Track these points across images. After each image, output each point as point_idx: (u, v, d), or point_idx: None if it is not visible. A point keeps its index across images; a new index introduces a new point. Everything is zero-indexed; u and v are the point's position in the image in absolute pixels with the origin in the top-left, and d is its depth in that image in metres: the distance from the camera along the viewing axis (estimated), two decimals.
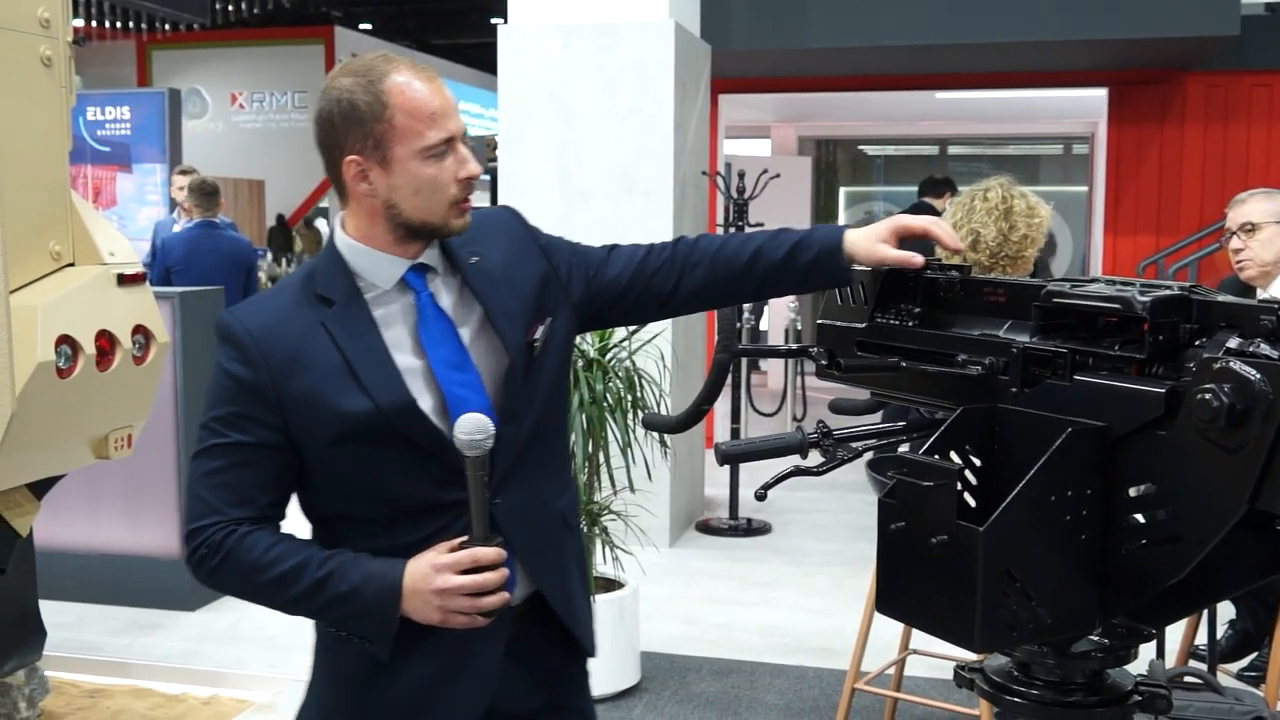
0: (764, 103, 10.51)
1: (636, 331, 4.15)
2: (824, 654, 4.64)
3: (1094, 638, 1.45)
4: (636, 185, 5.94)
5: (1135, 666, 1.52)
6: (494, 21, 6.46)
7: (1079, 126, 11.53)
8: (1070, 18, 6.89)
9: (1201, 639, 3.59)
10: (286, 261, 16.03)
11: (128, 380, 3.29)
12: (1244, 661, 3.84)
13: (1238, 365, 1.21)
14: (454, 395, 1.76)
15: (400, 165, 1.72)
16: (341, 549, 1.77)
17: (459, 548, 1.70)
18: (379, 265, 1.79)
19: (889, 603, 1.43)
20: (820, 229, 1.88)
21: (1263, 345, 1.27)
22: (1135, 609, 1.39)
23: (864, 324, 1.80)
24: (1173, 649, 3.71)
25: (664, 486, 5.88)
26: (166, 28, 13.24)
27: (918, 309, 1.75)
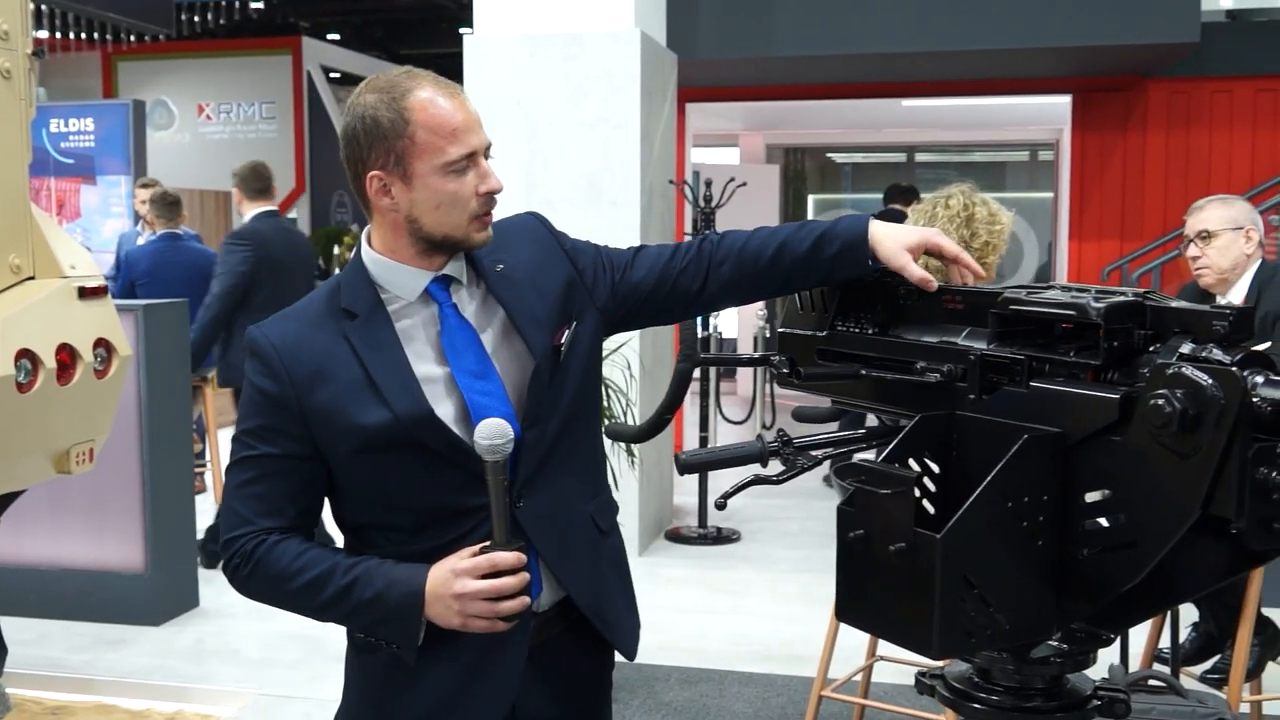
0: (732, 111, 10.54)
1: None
2: (793, 661, 4.64)
3: (1053, 643, 1.46)
4: (603, 195, 5.94)
5: (1098, 670, 1.52)
6: (462, 31, 6.45)
7: (1044, 133, 11.61)
8: (1034, 26, 6.94)
9: (1165, 642, 3.62)
10: None
11: (89, 394, 3.26)
12: (1207, 664, 3.86)
13: (1190, 371, 1.22)
14: (476, 403, 1.78)
15: (421, 180, 1.74)
16: (368, 555, 1.80)
17: (480, 553, 1.71)
18: (402, 278, 1.82)
19: (849, 611, 1.43)
20: (845, 220, 1.86)
21: (1215, 350, 1.28)
22: (1093, 614, 1.40)
23: (825, 332, 1.80)
24: (1137, 652, 3.74)
25: (632, 495, 5.88)
26: (131, 39, 13.17)
27: (878, 316, 1.76)
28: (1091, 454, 1.32)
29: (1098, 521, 1.32)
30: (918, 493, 1.40)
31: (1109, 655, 2.09)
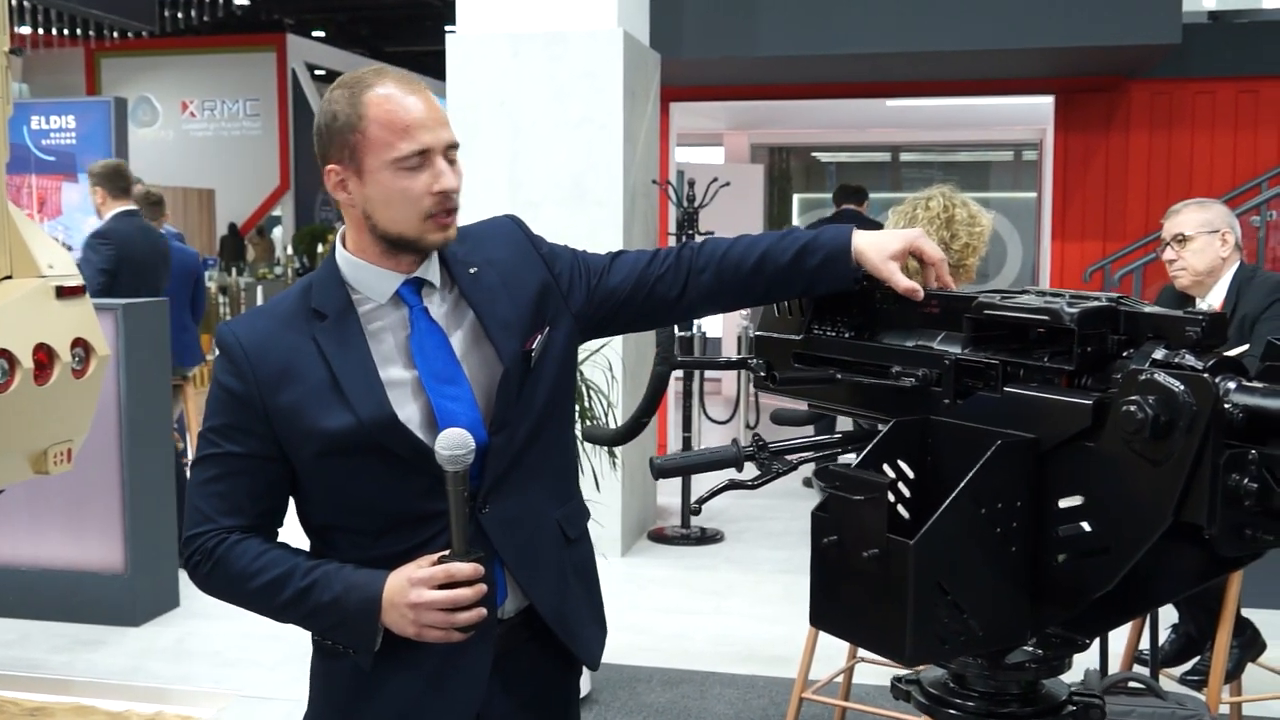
0: (716, 110, 10.54)
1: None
2: (775, 662, 4.64)
3: (1028, 648, 1.46)
4: (587, 195, 5.94)
5: (1076, 673, 1.52)
6: (448, 29, 6.43)
7: (1028, 133, 11.64)
8: (1018, 27, 6.96)
9: (1145, 643, 3.63)
10: (238, 270, 15.89)
11: (67, 394, 3.24)
12: (1187, 665, 3.87)
13: (1162, 377, 1.21)
14: (442, 408, 1.76)
15: (372, 176, 1.74)
16: (329, 559, 1.79)
17: (439, 562, 1.70)
18: (373, 279, 1.81)
19: (823, 617, 1.43)
20: (828, 230, 1.83)
21: (1188, 356, 1.28)
22: (1069, 619, 1.40)
23: (800, 335, 1.80)
24: (1116, 654, 3.74)
25: (614, 497, 5.87)
26: (115, 35, 13.12)
27: (855, 320, 1.75)
28: (1065, 460, 1.32)
29: (1071, 527, 1.32)
30: (891, 498, 1.40)
31: (1089, 658, 2.08)
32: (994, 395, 1.41)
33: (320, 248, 15.82)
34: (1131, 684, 2.93)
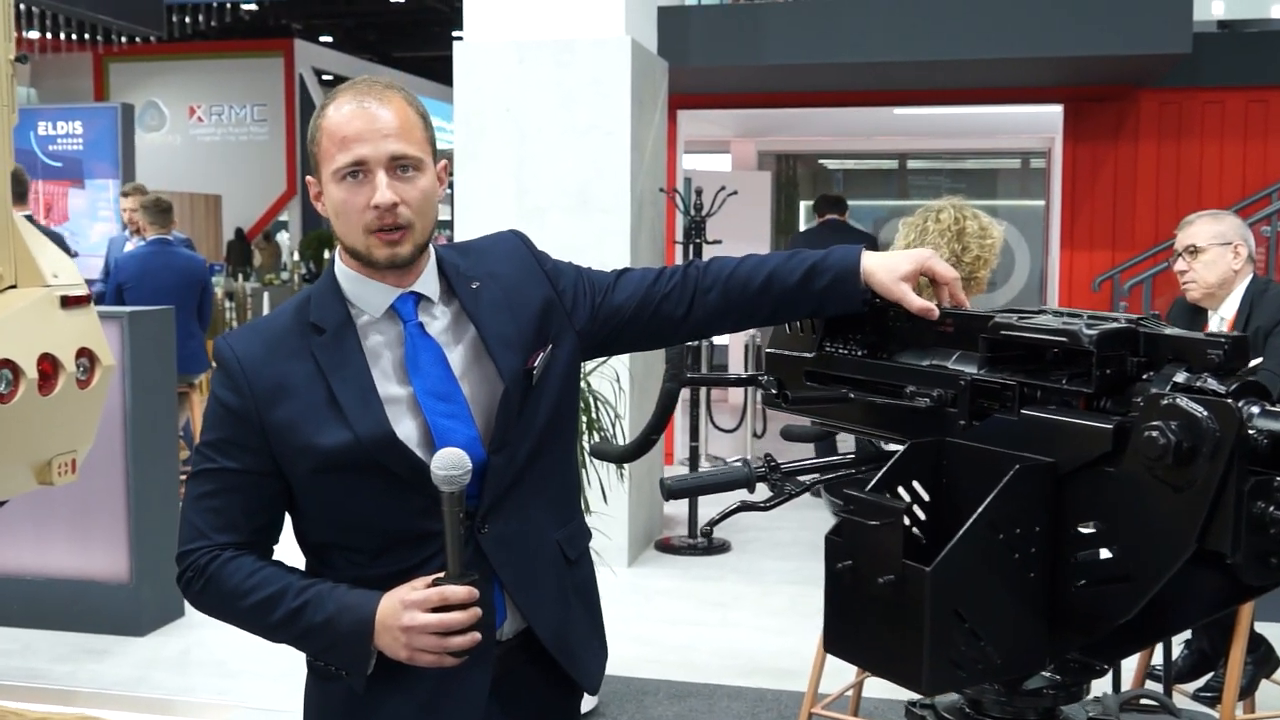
0: (724, 118, 10.51)
1: None
2: (782, 675, 4.61)
3: (1046, 674, 1.43)
4: (593, 202, 5.92)
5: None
6: (455, 35, 6.43)
7: (1036, 142, 11.60)
8: (1026, 35, 6.93)
9: (1158, 660, 3.59)
10: (245, 276, 15.88)
11: (71, 404, 3.22)
12: (1200, 682, 3.84)
13: (1184, 402, 1.19)
14: (438, 425, 1.73)
15: (325, 187, 1.74)
16: (322, 578, 1.76)
17: (433, 584, 1.66)
18: (369, 293, 1.78)
19: (837, 643, 1.40)
20: (836, 251, 1.80)
21: (1210, 380, 1.25)
22: (1087, 646, 1.37)
23: (812, 353, 1.77)
24: (1130, 669, 3.71)
25: (621, 508, 5.85)
26: (123, 40, 13.14)
27: (867, 339, 1.73)
28: (1084, 485, 1.30)
29: (1090, 554, 1.29)
30: (907, 522, 1.37)
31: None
32: (1011, 417, 1.38)
33: (327, 253, 15.81)
34: (1144, 701, 2.90)
